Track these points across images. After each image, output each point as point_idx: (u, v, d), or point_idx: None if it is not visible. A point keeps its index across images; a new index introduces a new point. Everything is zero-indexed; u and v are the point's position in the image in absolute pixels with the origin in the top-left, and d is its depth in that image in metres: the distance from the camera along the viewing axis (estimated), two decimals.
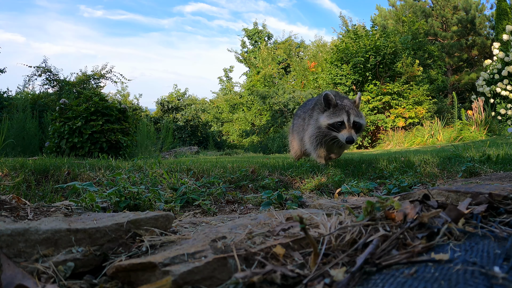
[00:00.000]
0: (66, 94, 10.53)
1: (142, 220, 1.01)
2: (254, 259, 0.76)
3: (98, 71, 13.94)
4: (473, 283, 0.58)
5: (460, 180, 2.48)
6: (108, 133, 5.64)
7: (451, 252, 0.70)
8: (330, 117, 3.20)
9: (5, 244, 0.81)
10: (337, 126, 3.17)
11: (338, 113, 3.18)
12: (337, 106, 3.22)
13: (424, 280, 0.60)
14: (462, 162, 2.95)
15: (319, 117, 3.34)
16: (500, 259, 0.65)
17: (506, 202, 0.95)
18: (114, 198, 1.69)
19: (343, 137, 3.11)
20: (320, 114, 3.35)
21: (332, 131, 3.21)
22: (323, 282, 0.66)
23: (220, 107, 22.27)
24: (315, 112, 3.47)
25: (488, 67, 12.06)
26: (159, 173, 2.63)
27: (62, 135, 5.52)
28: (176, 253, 0.79)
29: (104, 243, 0.92)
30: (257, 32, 23.93)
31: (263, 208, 1.89)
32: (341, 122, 3.15)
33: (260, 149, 15.06)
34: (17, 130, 7.15)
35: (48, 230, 0.86)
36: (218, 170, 2.92)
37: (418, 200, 0.95)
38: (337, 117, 3.17)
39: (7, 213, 1.40)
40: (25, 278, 0.74)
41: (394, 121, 12.91)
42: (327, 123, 3.22)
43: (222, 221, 1.42)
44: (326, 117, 3.23)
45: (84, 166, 2.84)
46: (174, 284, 0.70)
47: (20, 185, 2.20)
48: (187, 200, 2.02)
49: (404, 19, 18.25)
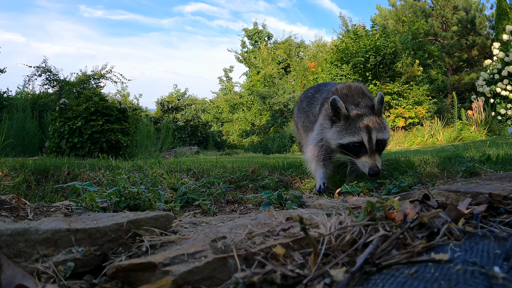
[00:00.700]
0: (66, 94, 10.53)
1: (142, 220, 1.01)
2: (254, 259, 0.76)
3: (98, 71, 13.93)
4: (473, 283, 0.58)
5: (460, 180, 2.48)
6: (108, 133, 5.64)
7: (451, 252, 0.70)
8: (342, 134, 2.33)
9: (5, 244, 0.81)
10: (353, 149, 2.31)
11: (354, 130, 2.29)
12: (350, 118, 2.32)
13: (424, 280, 0.60)
14: (462, 162, 2.95)
15: (326, 130, 2.47)
16: (500, 259, 0.65)
17: (506, 202, 0.95)
18: (114, 198, 1.69)
19: (365, 167, 2.27)
20: (326, 123, 2.47)
21: (346, 154, 2.38)
22: (323, 282, 0.66)
23: (220, 107, 22.27)
24: (321, 115, 2.59)
25: (488, 67, 12.06)
26: (159, 173, 2.63)
27: (62, 135, 5.52)
28: (176, 253, 0.79)
29: (104, 243, 0.92)
30: (257, 32, 23.93)
31: (263, 208, 1.89)
32: (358, 143, 2.27)
33: (260, 149, 15.06)
34: (17, 130, 7.15)
35: (48, 230, 0.86)
36: (218, 170, 2.91)
37: (418, 200, 0.95)
38: (352, 135, 2.28)
39: (7, 213, 1.40)
40: (25, 278, 0.74)
41: (394, 121, 12.91)
42: (338, 142, 2.35)
43: (222, 221, 1.42)
44: (337, 133, 2.36)
45: (84, 166, 2.84)
46: (174, 284, 0.70)
47: (20, 185, 2.20)
48: (187, 200, 2.02)
49: (404, 19, 18.23)
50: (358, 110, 2.35)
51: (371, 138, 2.25)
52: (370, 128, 2.26)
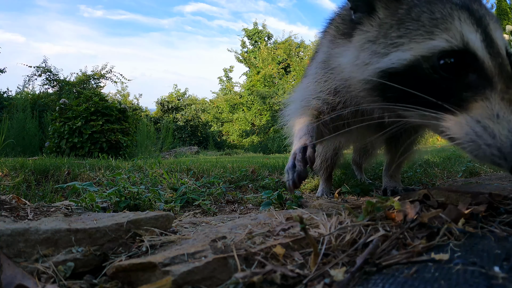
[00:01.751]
0: (66, 94, 10.53)
1: (142, 220, 1.01)
2: (254, 259, 0.76)
3: (98, 71, 13.94)
4: (473, 283, 0.58)
5: (460, 180, 2.48)
6: (108, 133, 5.64)
7: (451, 252, 0.70)
8: (391, 44, 0.97)
9: (5, 244, 0.81)
10: (433, 83, 0.91)
11: (431, 21, 0.93)
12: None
13: (424, 280, 0.60)
14: (462, 162, 2.95)
15: (336, 55, 1.20)
16: (500, 259, 0.65)
17: (506, 202, 0.95)
18: (114, 198, 1.69)
19: (501, 133, 0.82)
20: (335, 43, 1.21)
21: (408, 104, 0.95)
22: (323, 282, 0.66)
23: (220, 107, 22.26)
24: (322, 47, 1.38)
25: None
26: (159, 173, 2.63)
27: (62, 135, 5.53)
28: (176, 253, 0.79)
29: (104, 243, 0.92)
30: (257, 32, 23.92)
31: (263, 208, 1.89)
32: (459, 54, 0.89)
33: (260, 149, 15.06)
34: (17, 130, 7.15)
35: (48, 230, 0.86)
36: (218, 170, 2.91)
37: (418, 200, 0.95)
38: (430, 36, 0.92)
39: (7, 213, 1.40)
40: (25, 278, 0.74)
41: None
42: (381, 68, 0.98)
43: (222, 221, 1.41)
44: (371, 47, 1.02)
45: (84, 166, 2.84)
46: (174, 284, 0.70)
47: (20, 185, 2.20)
48: (187, 200, 2.02)
49: None
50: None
51: (492, 38, 0.92)
52: (482, 15, 0.94)
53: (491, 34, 0.91)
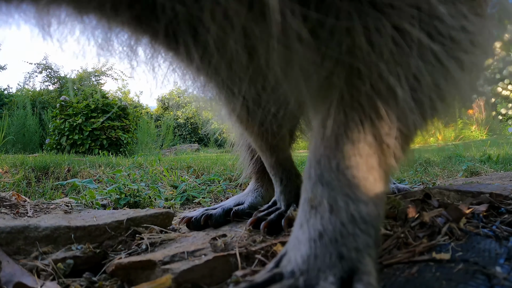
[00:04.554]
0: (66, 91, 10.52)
1: (142, 218, 1.00)
2: (254, 257, 0.76)
3: (98, 68, 13.92)
4: (475, 283, 0.57)
5: (460, 179, 2.47)
6: (108, 130, 5.64)
7: (453, 252, 0.70)
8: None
9: (4, 241, 0.81)
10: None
11: None
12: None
13: (425, 280, 0.60)
14: (462, 162, 2.94)
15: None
16: (502, 259, 0.65)
17: (507, 202, 0.94)
18: (114, 195, 1.69)
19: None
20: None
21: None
22: None
23: None
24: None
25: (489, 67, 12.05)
26: (159, 170, 2.63)
27: (63, 132, 5.53)
28: (176, 251, 0.79)
29: (103, 240, 0.92)
30: None
31: None
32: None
33: None
34: (18, 127, 7.15)
35: (48, 228, 0.86)
36: (219, 168, 2.91)
37: (419, 199, 0.95)
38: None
39: (7, 210, 1.40)
40: (25, 275, 0.74)
41: None
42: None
43: None
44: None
45: (84, 163, 2.84)
46: (174, 282, 0.69)
47: (20, 182, 2.20)
48: (187, 198, 2.02)
49: None
50: None
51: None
52: None
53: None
